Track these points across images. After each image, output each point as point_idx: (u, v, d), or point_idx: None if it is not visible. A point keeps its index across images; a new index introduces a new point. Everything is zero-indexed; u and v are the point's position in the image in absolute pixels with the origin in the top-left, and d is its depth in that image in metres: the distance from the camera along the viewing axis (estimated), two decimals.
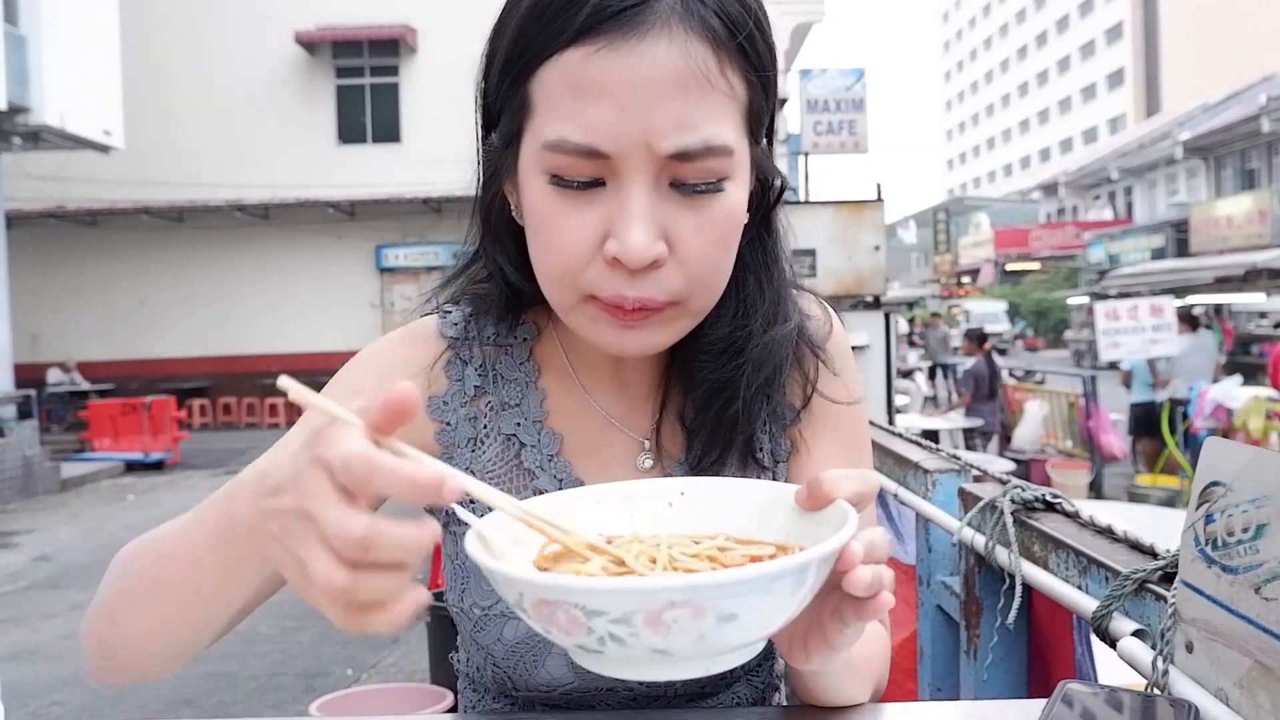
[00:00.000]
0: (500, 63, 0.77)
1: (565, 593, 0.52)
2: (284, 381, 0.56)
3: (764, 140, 0.82)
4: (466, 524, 0.87)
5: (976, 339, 9.94)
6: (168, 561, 0.70)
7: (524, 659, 0.87)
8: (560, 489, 0.86)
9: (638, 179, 0.72)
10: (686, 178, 0.73)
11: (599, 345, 0.80)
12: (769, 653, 0.96)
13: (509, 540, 0.62)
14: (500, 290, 0.89)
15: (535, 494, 0.80)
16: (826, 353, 0.93)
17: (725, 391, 0.86)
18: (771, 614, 0.56)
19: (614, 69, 0.70)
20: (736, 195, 0.77)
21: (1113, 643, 0.96)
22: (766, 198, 0.87)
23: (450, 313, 0.94)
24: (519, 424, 0.90)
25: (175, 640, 0.73)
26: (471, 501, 0.89)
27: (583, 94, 0.71)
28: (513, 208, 0.83)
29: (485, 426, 0.91)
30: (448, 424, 0.90)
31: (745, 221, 0.80)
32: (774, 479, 0.92)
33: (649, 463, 0.91)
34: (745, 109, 0.76)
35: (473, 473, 0.90)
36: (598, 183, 0.73)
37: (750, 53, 0.75)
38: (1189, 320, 9.23)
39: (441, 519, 0.93)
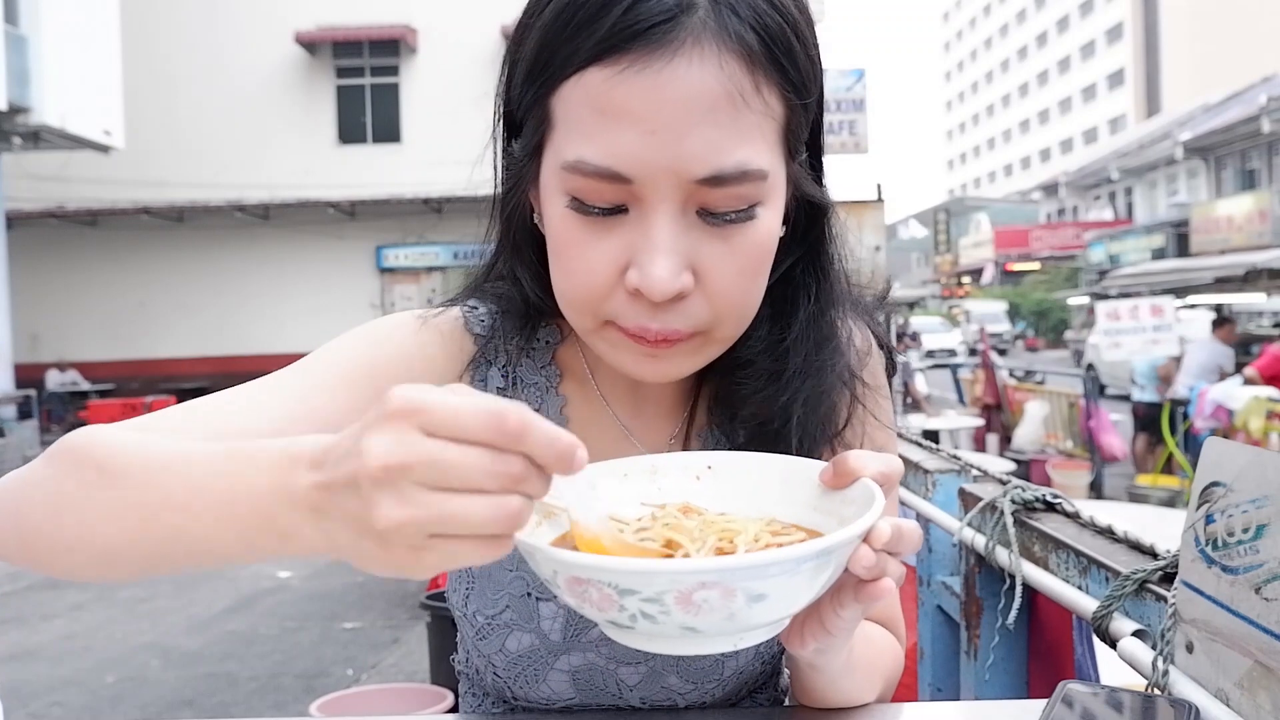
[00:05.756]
0: (523, 72, 0.73)
1: (599, 572, 0.53)
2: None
3: (803, 153, 0.76)
4: None
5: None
6: (154, 493, 0.58)
7: (525, 672, 0.86)
8: None
9: (663, 207, 0.68)
10: (716, 206, 0.69)
11: (620, 370, 0.76)
12: (775, 669, 0.94)
13: (538, 516, 0.63)
14: (521, 301, 0.85)
15: None
16: (865, 390, 0.87)
17: (775, 421, 0.81)
18: (799, 592, 0.57)
19: (641, 92, 0.65)
20: (769, 221, 0.72)
21: (1113, 643, 0.96)
22: (804, 213, 0.80)
23: (477, 308, 0.88)
24: None
25: (117, 556, 0.61)
26: None
27: (606, 116, 0.66)
28: (535, 215, 0.78)
29: None
30: None
31: (775, 247, 0.75)
32: None
33: None
34: (782, 128, 0.71)
35: None
36: (620, 209, 0.69)
37: (790, 69, 0.69)
38: (1224, 322, 9.36)
39: None
